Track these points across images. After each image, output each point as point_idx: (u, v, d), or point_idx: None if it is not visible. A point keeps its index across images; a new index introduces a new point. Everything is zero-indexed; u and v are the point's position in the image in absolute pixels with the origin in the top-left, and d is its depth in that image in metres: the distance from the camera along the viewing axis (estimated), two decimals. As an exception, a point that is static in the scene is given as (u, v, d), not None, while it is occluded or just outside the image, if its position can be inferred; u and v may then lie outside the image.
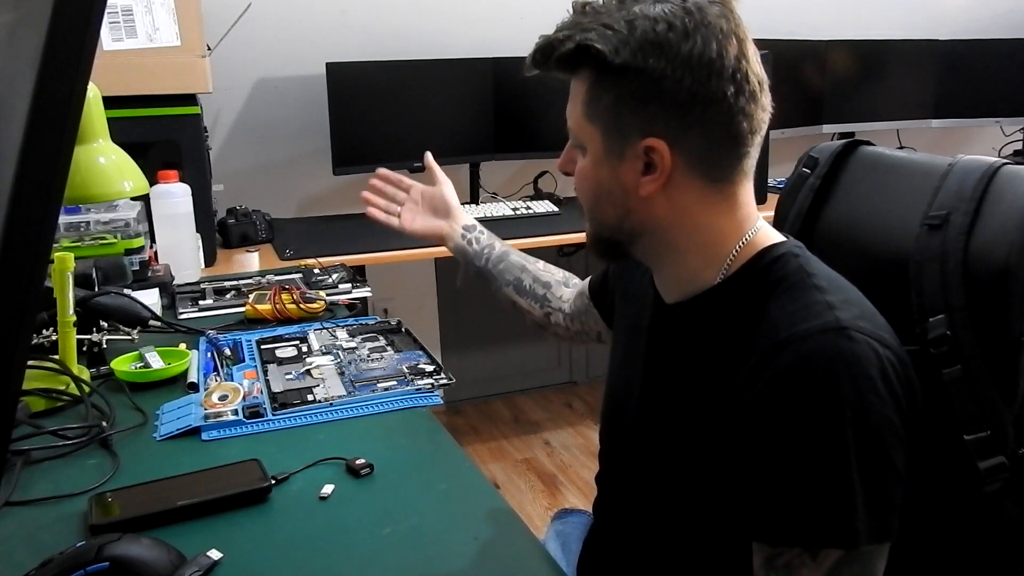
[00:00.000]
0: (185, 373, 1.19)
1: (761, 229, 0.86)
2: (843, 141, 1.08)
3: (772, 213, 1.10)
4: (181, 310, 1.49)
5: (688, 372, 0.86)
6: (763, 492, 0.75)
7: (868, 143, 1.08)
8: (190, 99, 1.98)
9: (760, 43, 0.85)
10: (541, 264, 1.30)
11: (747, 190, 0.85)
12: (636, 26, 0.76)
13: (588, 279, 1.21)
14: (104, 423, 1.02)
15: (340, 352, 1.25)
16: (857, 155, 1.06)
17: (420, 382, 1.13)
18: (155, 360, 1.20)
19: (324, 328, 1.36)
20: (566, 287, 1.26)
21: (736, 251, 0.84)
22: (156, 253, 1.67)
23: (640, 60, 0.76)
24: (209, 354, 1.26)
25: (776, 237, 0.86)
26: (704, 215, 0.83)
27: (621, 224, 0.84)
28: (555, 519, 1.26)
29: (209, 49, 2.03)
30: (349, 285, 1.58)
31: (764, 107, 0.81)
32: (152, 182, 1.61)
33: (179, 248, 1.71)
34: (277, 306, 1.42)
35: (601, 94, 0.79)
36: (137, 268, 1.54)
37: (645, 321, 0.95)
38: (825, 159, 1.06)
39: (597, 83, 0.79)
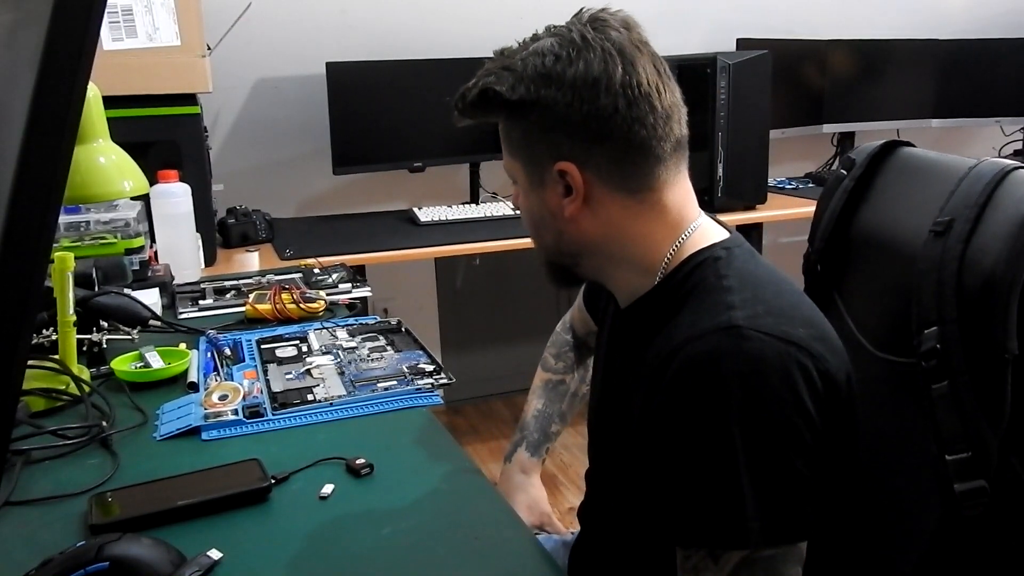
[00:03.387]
0: (185, 373, 1.19)
1: (698, 230, 0.85)
2: (881, 142, 1.05)
3: (775, 213, 1.09)
4: (181, 310, 1.49)
5: (626, 376, 0.88)
6: (666, 495, 0.76)
7: (908, 144, 1.05)
8: (190, 99, 1.98)
9: (760, 43, 0.86)
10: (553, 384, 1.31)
11: (676, 194, 0.85)
12: (528, 63, 0.81)
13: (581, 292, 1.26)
14: (104, 423, 1.02)
15: (340, 352, 1.25)
16: (895, 156, 1.03)
17: (420, 382, 1.13)
18: (155, 360, 1.20)
19: (324, 328, 1.36)
20: (565, 344, 1.31)
21: (669, 256, 0.84)
22: (156, 253, 1.67)
23: (533, 93, 0.80)
24: (209, 354, 1.25)
25: (712, 238, 0.85)
26: (632, 226, 0.85)
27: (559, 246, 0.88)
28: None
29: (209, 49, 2.03)
30: (349, 285, 1.58)
31: (665, 111, 0.82)
32: (152, 182, 1.61)
33: (179, 248, 1.71)
34: (277, 306, 1.42)
35: (512, 130, 0.85)
36: (137, 268, 1.54)
37: (605, 327, 0.98)
38: (861, 161, 1.05)
39: (507, 121, 0.85)
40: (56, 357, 1.11)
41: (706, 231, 0.86)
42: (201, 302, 1.51)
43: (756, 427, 0.71)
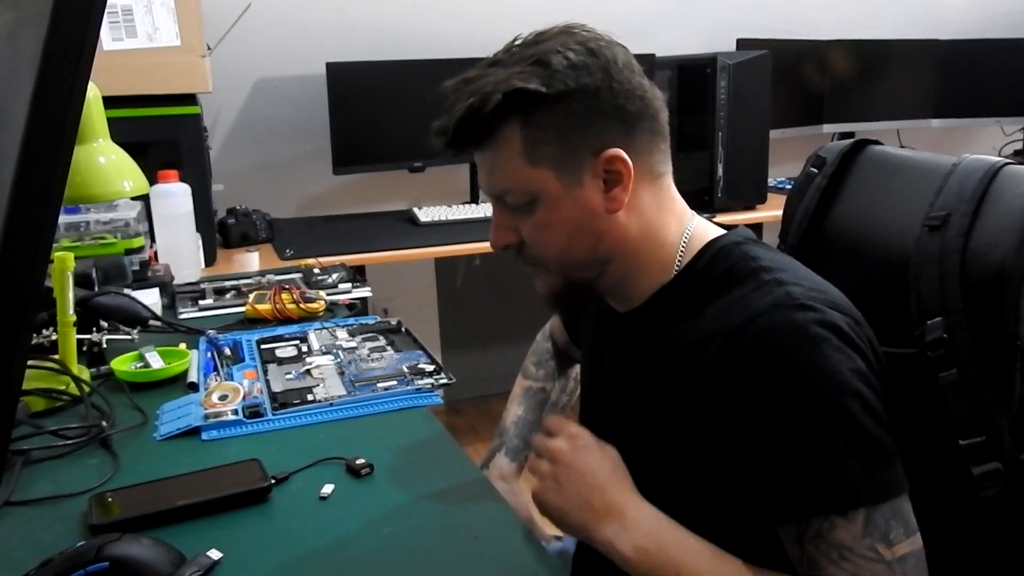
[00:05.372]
0: (185, 373, 1.19)
1: (697, 221, 0.88)
2: (851, 140, 1.07)
3: (775, 213, 1.10)
4: (181, 310, 1.49)
5: (654, 374, 0.86)
6: (773, 477, 0.74)
7: (876, 142, 1.07)
8: (190, 99, 1.98)
9: (760, 43, 0.88)
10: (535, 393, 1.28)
11: (674, 183, 0.88)
12: (549, 60, 0.79)
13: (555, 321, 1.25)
14: (104, 423, 1.01)
15: (340, 352, 1.25)
16: (865, 155, 1.06)
17: (420, 382, 1.13)
18: (155, 360, 1.20)
19: (324, 328, 1.36)
20: (546, 353, 1.28)
21: (683, 247, 0.86)
22: (156, 253, 1.67)
23: (572, 82, 0.79)
24: (209, 354, 1.25)
25: (715, 231, 0.88)
26: (656, 216, 0.85)
27: (595, 254, 0.85)
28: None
29: (209, 49, 2.03)
30: (349, 285, 1.58)
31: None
32: (152, 182, 1.61)
33: (179, 248, 1.71)
34: (277, 306, 1.42)
35: (540, 133, 0.80)
36: (137, 268, 1.54)
37: (603, 337, 0.96)
38: (832, 159, 1.06)
39: (532, 124, 0.80)
40: (56, 357, 1.11)
41: (705, 224, 0.88)
42: (201, 302, 1.51)
43: (839, 385, 0.72)
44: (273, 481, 0.88)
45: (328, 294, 1.51)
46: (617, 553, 0.76)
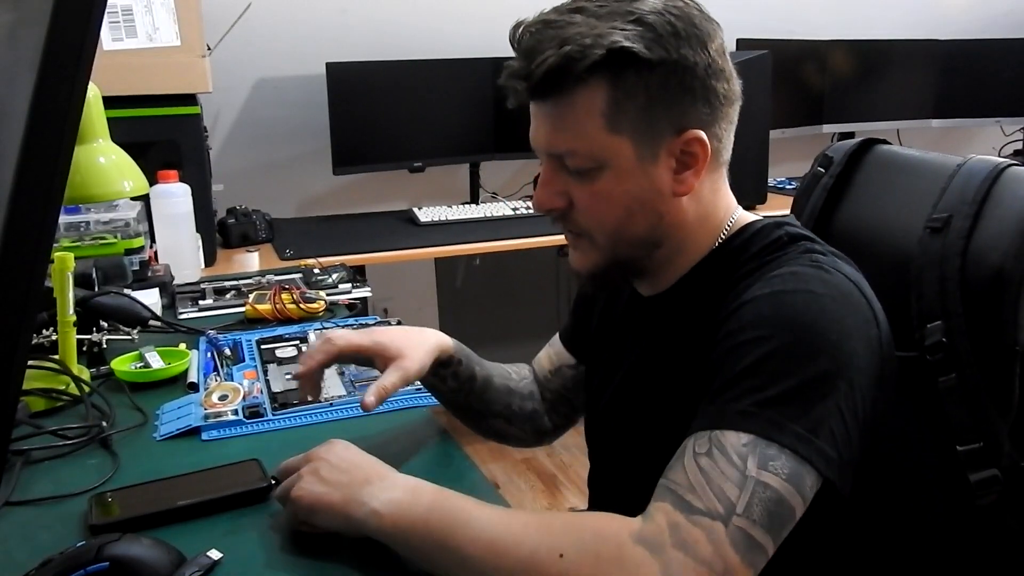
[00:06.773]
0: (185, 373, 1.19)
1: (743, 212, 0.87)
2: (858, 140, 1.06)
3: (773, 213, 1.10)
4: (181, 310, 1.49)
5: (680, 353, 0.84)
6: (721, 383, 0.70)
7: (884, 142, 1.06)
8: (190, 99, 1.98)
9: (760, 43, 0.87)
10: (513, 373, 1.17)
11: None
12: (652, 22, 0.74)
13: (557, 338, 1.17)
14: (104, 423, 1.01)
15: (340, 352, 1.25)
16: (872, 154, 1.05)
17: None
18: (155, 360, 1.20)
19: (324, 328, 1.36)
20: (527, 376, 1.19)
21: (725, 232, 0.84)
22: (156, 253, 1.67)
23: (674, 52, 0.75)
24: (209, 354, 1.25)
25: (755, 216, 0.87)
26: (712, 202, 0.84)
27: (652, 234, 0.82)
28: None
29: (209, 49, 2.03)
30: (349, 285, 1.58)
31: None
32: (152, 182, 1.61)
33: (179, 248, 1.71)
34: (277, 306, 1.42)
35: (628, 98, 0.76)
36: (137, 268, 1.54)
37: (617, 323, 0.95)
38: (839, 158, 1.05)
39: (621, 87, 0.75)
40: (56, 357, 1.11)
41: (746, 213, 0.87)
42: (201, 302, 1.51)
43: (833, 348, 0.69)
44: (273, 481, 0.88)
45: (328, 294, 1.51)
46: (372, 514, 0.73)
